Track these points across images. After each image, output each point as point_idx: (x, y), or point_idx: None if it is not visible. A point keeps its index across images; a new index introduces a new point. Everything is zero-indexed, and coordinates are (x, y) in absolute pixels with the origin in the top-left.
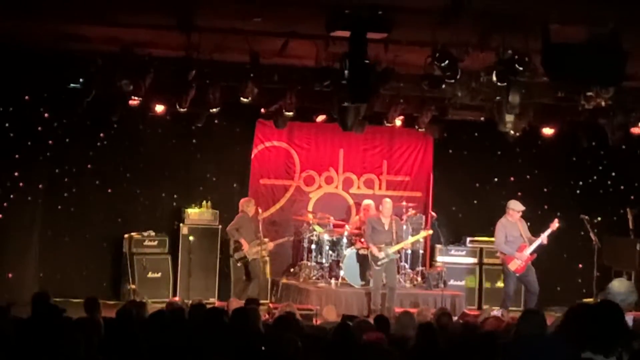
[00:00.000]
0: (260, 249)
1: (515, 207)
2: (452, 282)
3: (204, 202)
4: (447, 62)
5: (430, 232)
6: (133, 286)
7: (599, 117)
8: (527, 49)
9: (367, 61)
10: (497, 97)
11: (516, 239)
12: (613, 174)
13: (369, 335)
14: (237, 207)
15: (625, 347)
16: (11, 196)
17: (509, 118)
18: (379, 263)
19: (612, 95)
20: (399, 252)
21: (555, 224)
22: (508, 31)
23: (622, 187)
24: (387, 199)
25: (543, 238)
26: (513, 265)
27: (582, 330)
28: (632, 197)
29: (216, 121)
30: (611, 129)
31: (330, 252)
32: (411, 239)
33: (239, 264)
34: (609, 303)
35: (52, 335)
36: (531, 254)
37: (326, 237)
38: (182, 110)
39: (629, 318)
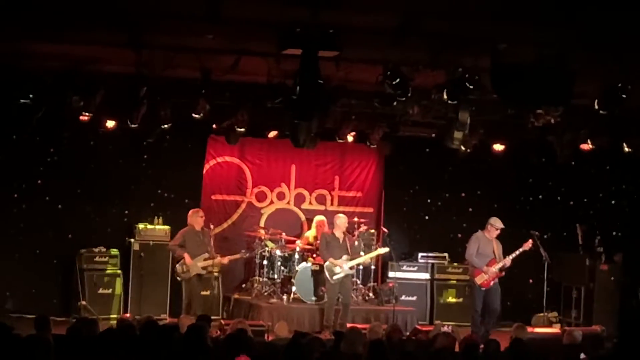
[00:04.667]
0: (207, 264)
1: (495, 223)
2: (403, 297)
3: (156, 218)
4: (398, 80)
5: (387, 250)
6: (83, 302)
7: (548, 135)
8: (477, 67)
9: (319, 80)
10: (448, 115)
11: (487, 254)
12: (562, 190)
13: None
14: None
15: None
16: None
17: (457, 135)
18: (335, 278)
19: (561, 113)
20: (352, 268)
21: (528, 244)
22: (458, 51)
23: (571, 203)
24: (341, 214)
25: (507, 260)
26: (480, 279)
27: None
28: (581, 213)
29: (168, 137)
30: (560, 146)
31: (282, 267)
32: (367, 256)
33: (178, 279)
34: None
35: (1, 353)
36: (499, 270)
37: (278, 252)
38: (133, 126)
39: (578, 333)
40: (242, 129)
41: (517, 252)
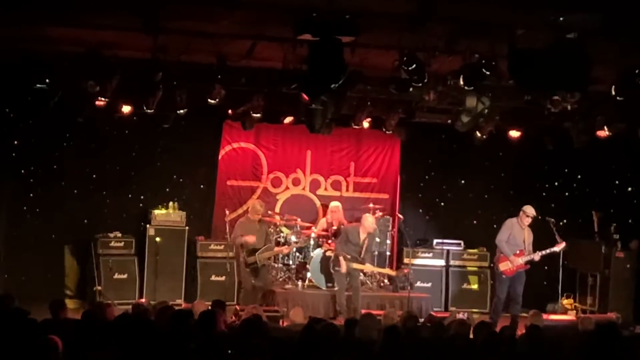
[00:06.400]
0: (270, 253)
1: (528, 210)
2: (418, 284)
3: (171, 204)
4: (414, 65)
5: (395, 273)
6: (99, 288)
7: (565, 121)
8: (493, 53)
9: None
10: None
11: (518, 243)
12: (578, 176)
13: None
14: (204, 209)
15: None
16: None
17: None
18: (336, 269)
19: (578, 99)
20: (355, 269)
21: (561, 246)
22: (475, 36)
23: (587, 190)
24: (369, 215)
25: (536, 256)
26: (503, 266)
27: None
28: (597, 200)
29: (183, 122)
30: (576, 132)
31: (297, 253)
32: (376, 269)
33: (247, 270)
34: None
35: (17, 337)
36: (525, 263)
37: (293, 238)
38: (149, 111)
39: (590, 321)
40: (258, 115)
41: (548, 251)
